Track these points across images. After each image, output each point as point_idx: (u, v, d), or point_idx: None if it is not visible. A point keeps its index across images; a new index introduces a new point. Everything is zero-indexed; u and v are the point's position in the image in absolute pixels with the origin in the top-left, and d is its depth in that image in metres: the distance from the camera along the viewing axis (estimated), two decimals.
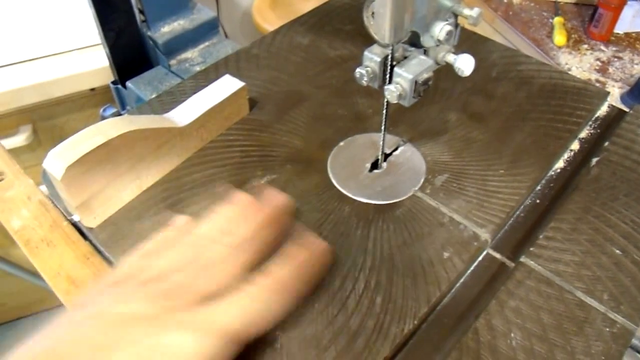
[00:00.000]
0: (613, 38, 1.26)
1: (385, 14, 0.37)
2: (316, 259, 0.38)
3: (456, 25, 0.43)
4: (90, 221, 0.45)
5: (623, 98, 1.10)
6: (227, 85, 0.52)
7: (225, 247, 0.35)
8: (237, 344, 0.32)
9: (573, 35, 1.27)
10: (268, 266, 0.35)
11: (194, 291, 0.33)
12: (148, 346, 0.30)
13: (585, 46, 1.24)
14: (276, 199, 0.39)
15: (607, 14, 1.21)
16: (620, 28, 1.27)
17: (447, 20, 0.42)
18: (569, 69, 1.18)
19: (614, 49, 1.24)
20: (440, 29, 0.41)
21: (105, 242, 0.44)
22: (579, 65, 1.19)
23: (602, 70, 1.18)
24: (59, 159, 0.41)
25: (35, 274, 1.14)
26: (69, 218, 0.47)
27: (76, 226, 0.47)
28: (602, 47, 1.24)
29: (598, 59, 1.21)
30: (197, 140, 0.51)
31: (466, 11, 0.41)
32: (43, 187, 0.51)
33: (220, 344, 0.31)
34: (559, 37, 1.24)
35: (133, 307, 0.32)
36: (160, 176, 0.49)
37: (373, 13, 0.40)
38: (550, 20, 1.32)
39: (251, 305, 0.33)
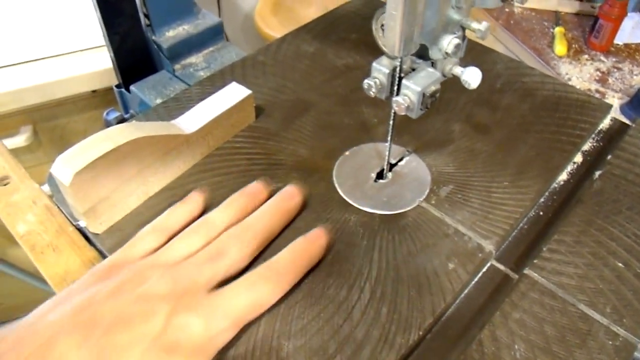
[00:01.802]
0: (613, 49, 1.27)
1: (395, 27, 0.38)
2: (315, 252, 0.42)
3: (463, 38, 0.44)
4: (96, 227, 0.45)
5: (622, 109, 1.11)
6: (234, 93, 0.52)
7: (232, 238, 0.40)
8: (238, 328, 0.37)
9: (573, 46, 1.28)
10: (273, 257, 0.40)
11: (204, 278, 0.37)
12: (165, 323, 0.33)
13: (586, 56, 1.25)
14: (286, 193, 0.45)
15: (608, 24, 1.22)
16: (620, 39, 1.28)
17: (455, 34, 0.42)
18: (569, 79, 1.18)
19: (613, 59, 1.25)
20: (449, 42, 0.42)
21: (111, 248, 0.44)
22: (579, 75, 1.20)
23: (602, 80, 1.19)
24: (67, 164, 0.41)
25: (33, 275, 1.13)
26: (74, 224, 0.47)
27: (81, 232, 0.47)
28: (602, 58, 1.25)
29: (598, 70, 1.22)
30: (203, 147, 0.51)
31: (474, 25, 0.42)
32: (45, 187, 0.51)
33: (225, 327, 0.35)
34: (560, 47, 1.25)
35: (151, 286, 0.35)
36: (167, 182, 0.49)
37: (382, 25, 0.41)
38: (551, 30, 1.33)
39: (251, 293, 0.37)
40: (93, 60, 1.06)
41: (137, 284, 0.35)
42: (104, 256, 0.45)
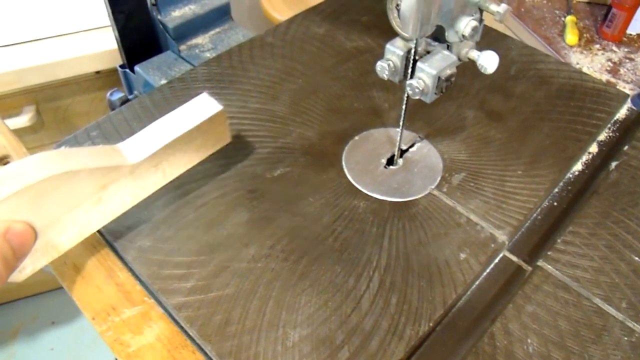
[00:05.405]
0: (625, 39, 1.25)
1: (412, 7, 0.36)
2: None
3: (481, 20, 0.42)
4: (15, 275, 0.37)
5: (634, 100, 1.09)
6: (201, 109, 0.43)
7: None
8: None
9: (585, 35, 1.26)
10: None
11: None
12: None
13: (597, 46, 1.23)
14: None
15: (621, 14, 1.19)
16: (633, 29, 1.25)
17: (472, 16, 0.41)
18: (580, 69, 1.16)
19: (625, 50, 1.22)
20: (466, 24, 0.40)
21: (113, 231, 0.43)
22: (590, 65, 1.18)
23: (614, 71, 1.16)
24: None
25: None
26: None
27: None
28: (614, 48, 1.23)
29: (609, 60, 1.19)
30: (157, 177, 0.43)
31: (493, 7, 0.40)
32: None
33: None
34: (571, 36, 1.22)
35: None
36: (107, 221, 0.42)
37: (398, 5, 0.39)
38: (562, 18, 1.30)
39: None
40: (97, 41, 1.05)
41: None
42: (105, 239, 0.44)
